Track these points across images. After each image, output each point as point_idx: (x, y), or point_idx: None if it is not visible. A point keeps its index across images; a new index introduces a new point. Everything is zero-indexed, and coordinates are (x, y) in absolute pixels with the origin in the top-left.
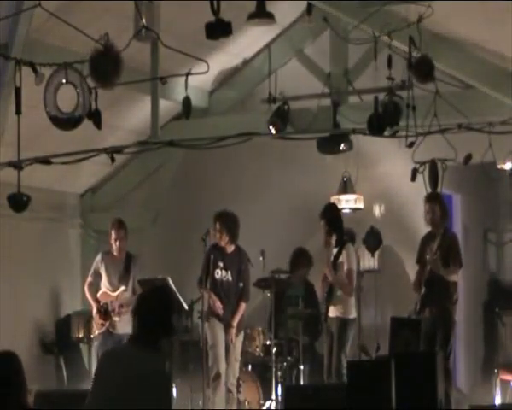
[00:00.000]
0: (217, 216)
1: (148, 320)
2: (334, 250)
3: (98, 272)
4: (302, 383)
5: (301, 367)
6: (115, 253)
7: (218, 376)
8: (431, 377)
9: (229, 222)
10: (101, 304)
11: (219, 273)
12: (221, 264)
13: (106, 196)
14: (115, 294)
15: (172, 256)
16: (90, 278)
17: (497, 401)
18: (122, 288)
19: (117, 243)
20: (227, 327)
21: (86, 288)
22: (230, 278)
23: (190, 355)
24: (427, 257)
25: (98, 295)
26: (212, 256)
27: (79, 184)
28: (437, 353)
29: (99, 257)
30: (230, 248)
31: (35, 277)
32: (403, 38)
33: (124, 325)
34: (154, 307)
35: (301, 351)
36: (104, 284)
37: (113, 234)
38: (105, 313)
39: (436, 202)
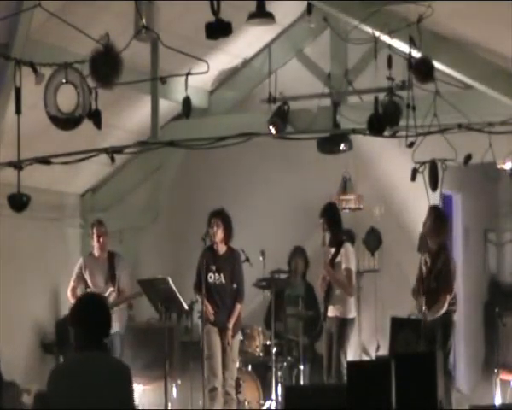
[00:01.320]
0: (214, 213)
1: (89, 326)
2: (332, 250)
3: (81, 276)
4: (302, 383)
5: (301, 367)
6: (97, 252)
7: (214, 389)
8: (431, 377)
9: (225, 220)
10: None
11: (212, 277)
12: (213, 267)
13: (106, 196)
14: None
15: (172, 256)
16: (72, 283)
17: (497, 401)
18: (110, 289)
19: (100, 239)
20: (223, 330)
21: (69, 293)
22: (224, 281)
23: (190, 355)
24: (424, 268)
25: None
26: (204, 260)
27: (79, 184)
28: (437, 353)
29: (81, 261)
30: (223, 250)
31: (35, 277)
32: (403, 38)
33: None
34: (92, 312)
35: (301, 351)
36: (89, 288)
37: (95, 231)
38: None
39: (429, 213)
